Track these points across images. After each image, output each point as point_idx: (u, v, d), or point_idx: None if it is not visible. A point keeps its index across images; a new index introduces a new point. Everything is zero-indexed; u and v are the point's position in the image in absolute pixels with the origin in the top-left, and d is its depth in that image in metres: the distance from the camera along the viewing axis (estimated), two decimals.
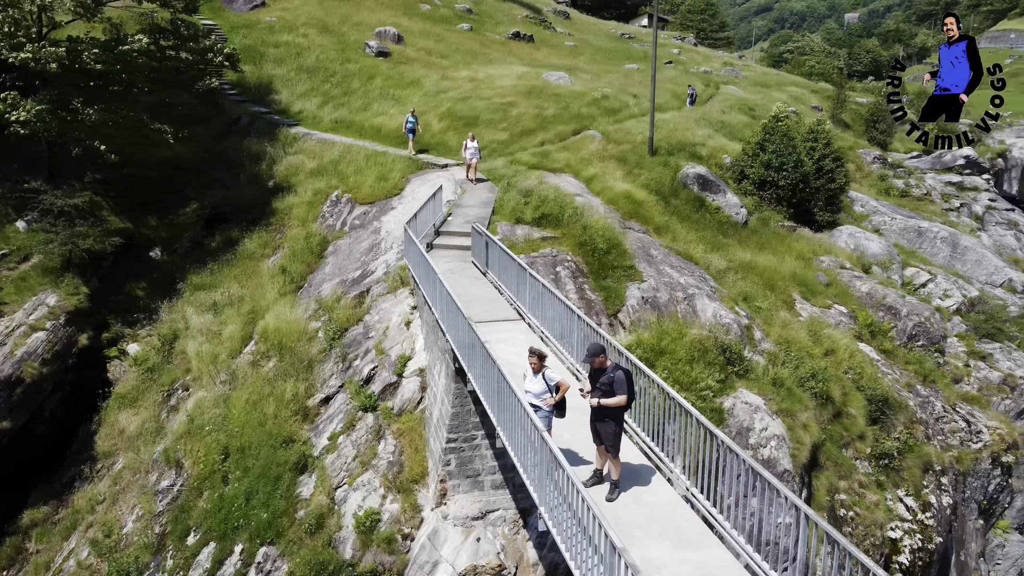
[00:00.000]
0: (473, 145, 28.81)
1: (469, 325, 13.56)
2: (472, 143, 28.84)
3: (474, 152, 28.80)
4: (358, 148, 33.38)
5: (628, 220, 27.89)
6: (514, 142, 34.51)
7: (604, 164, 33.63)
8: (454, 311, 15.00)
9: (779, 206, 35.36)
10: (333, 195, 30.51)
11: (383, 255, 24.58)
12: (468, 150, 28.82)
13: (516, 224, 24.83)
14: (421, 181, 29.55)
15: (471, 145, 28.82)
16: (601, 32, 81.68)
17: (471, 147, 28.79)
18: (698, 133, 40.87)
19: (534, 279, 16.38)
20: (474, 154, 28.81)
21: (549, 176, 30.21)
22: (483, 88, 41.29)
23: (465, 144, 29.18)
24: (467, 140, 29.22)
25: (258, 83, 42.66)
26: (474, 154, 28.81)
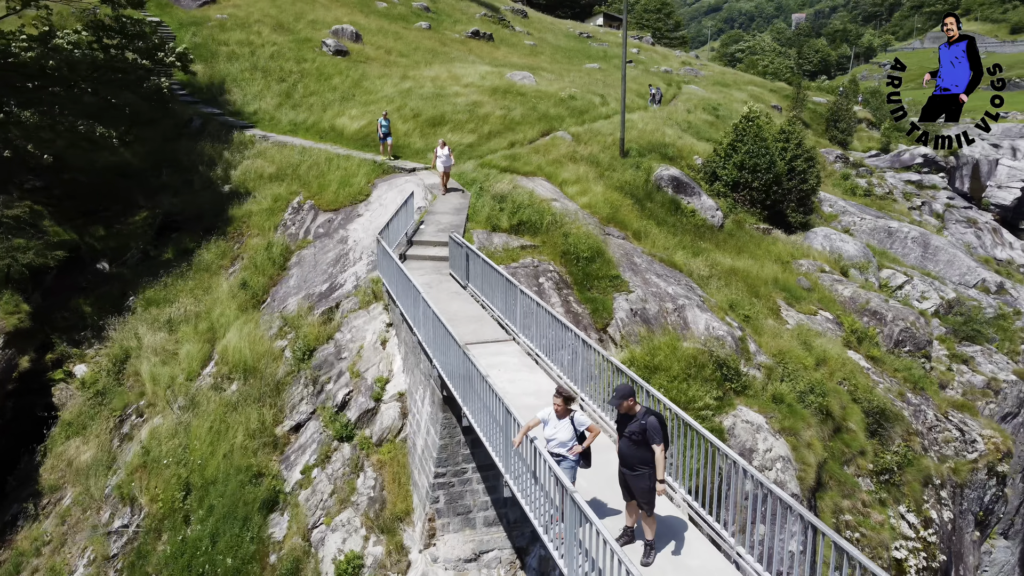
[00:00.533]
0: (444, 152, 26.54)
1: (464, 353, 12.19)
2: (443, 150, 26.57)
3: (446, 159, 26.57)
4: (319, 151, 31.64)
5: (607, 225, 26.74)
6: (482, 144, 33.12)
7: (576, 167, 32.44)
8: (443, 335, 13.61)
9: (753, 208, 34.60)
10: (294, 201, 28.78)
11: (352, 266, 23.00)
12: (440, 158, 26.53)
13: (493, 232, 23.45)
14: (388, 186, 27.99)
15: (442, 152, 26.53)
16: (559, 31, 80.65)
17: (442, 154, 26.49)
18: (668, 134, 39.99)
19: (525, 295, 15.04)
20: (447, 161, 26.58)
21: (522, 180, 28.90)
22: (447, 88, 39.80)
23: (436, 151, 27.07)
24: (437, 147, 26.98)
25: (210, 83, 40.52)
26: (447, 161, 26.58)
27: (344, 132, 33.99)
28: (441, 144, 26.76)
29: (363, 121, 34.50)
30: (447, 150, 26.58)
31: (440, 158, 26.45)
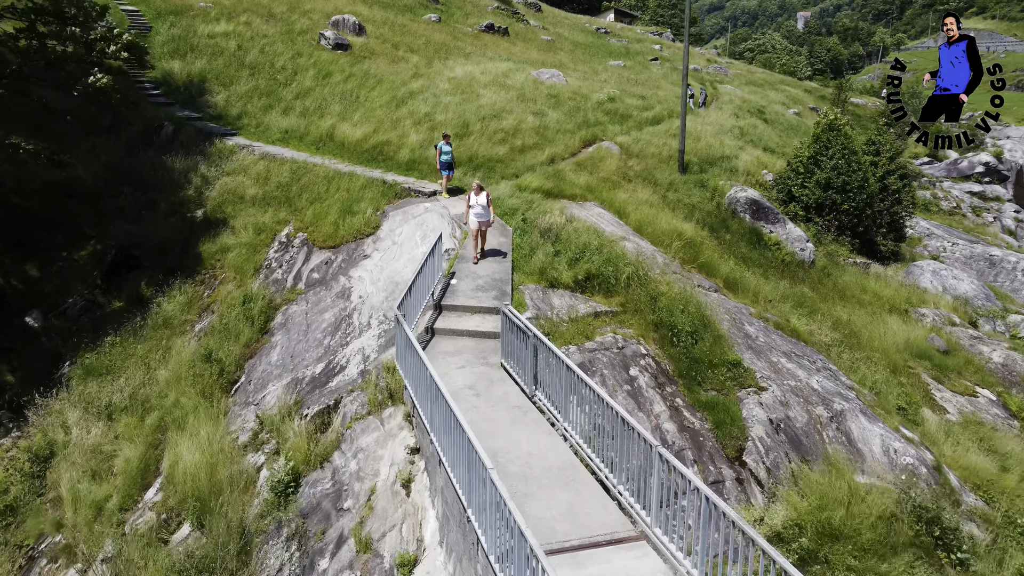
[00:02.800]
0: (481, 202, 17.66)
1: None
2: (479, 197, 17.65)
3: (483, 212, 17.76)
4: (315, 167, 24.84)
5: (690, 271, 20.02)
6: (515, 158, 26.31)
7: (632, 187, 25.70)
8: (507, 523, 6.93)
9: (841, 236, 27.86)
10: (282, 234, 22.00)
11: (357, 337, 16.26)
12: (473, 209, 17.74)
13: (550, 289, 16.72)
14: (403, 216, 21.20)
15: (477, 201, 17.66)
16: (574, 26, 73.72)
17: (477, 204, 17.68)
18: (727, 143, 33.21)
19: (665, 460, 8.31)
20: (483, 215, 17.78)
21: (572, 207, 22.16)
22: (466, 88, 32.93)
23: (468, 197, 18.03)
24: (471, 193, 17.85)
25: (188, 81, 33.63)
26: (483, 215, 17.78)
27: (346, 142, 27.14)
28: (476, 188, 17.72)
29: (367, 127, 27.66)
30: (484, 197, 17.68)
31: (474, 209, 17.72)
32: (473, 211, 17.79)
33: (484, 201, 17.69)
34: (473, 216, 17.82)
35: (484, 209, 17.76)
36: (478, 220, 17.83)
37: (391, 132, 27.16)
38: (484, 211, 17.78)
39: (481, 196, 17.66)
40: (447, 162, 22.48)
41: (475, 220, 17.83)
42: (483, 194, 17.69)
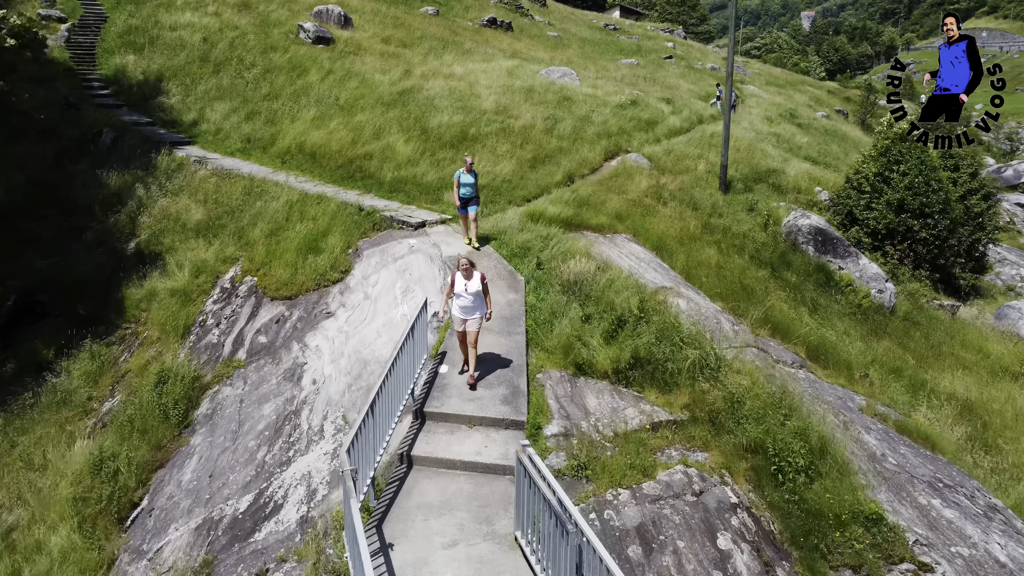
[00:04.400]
0: (472, 288, 10.94)
1: None
2: (469, 282, 10.95)
3: (473, 304, 10.99)
4: (277, 187, 19.62)
5: (758, 332, 14.77)
6: (526, 176, 21.05)
7: (668, 211, 20.47)
8: None
9: (918, 270, 22.62)
10: (227, 277, 16.76)
11: (303, 453, 11.03)
12: (461, 298, 11.02)
13: (580, 377, 11.49)
14: (380, 257, 15.95)
15: (464, 287, 10.97)
16: (581, 21, 68.31)
17: (467, 292, 10.95)
18: (770, 154, 27.95)
19: None
20: (472, 308, 11.00)
21: (599, 242, 16.96)
22: (466, 89, 27.63)
23: (452, 278, 11.17)
24: (457, 272, 11.10)
25: (143, 80, 28.36)
26: (472, 308, 11.00)
27: (317, 154, 21.87)
28: (464, 267, 10.94)
29: (345, 136, 22.38)
30: (478, 282, 10.96)
31: (459, 299, 11.01)
32: (457, 302, 10.95)
33: (477, 288, 10.87)
34: (457, 310, 10.98)
35: (475, 300, 10.87)
36: (465, 319, 10.94)
37: (373, 143, 21.89)
38: (475, 303, 10.87)
39: (473, 280, 10.90)
40: (468, 196, 16.05)
41: (460, 317, 10.99)
42: (475, 277, 10.94)
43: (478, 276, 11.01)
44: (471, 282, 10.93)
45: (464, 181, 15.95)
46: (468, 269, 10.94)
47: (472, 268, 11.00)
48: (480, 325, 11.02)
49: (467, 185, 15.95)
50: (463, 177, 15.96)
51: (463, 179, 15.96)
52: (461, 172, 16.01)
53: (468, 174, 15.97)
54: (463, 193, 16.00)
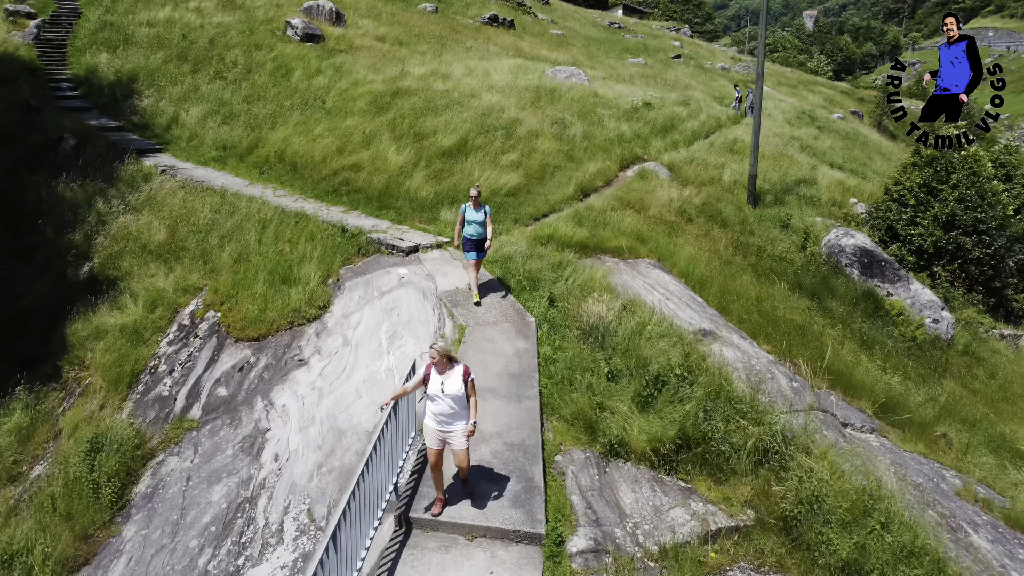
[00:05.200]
0: (451, 390, 7.52)
1: None
2: (446, 375, 7.55)
3: (452, 411, 7.56)
4: (251, 202, 17.11)
5: (815, 383, 12.23)
6: (533, 190, 18.52)
7: (694, 229, 17.97)
8: None
9: (972, 293, 20.11)
10: (187, 312, 14.26)
11: (255, 564, 8.51)
12: (436, 401, 7.57)
13: (610, 460, 8.98)
14: (364, 290, 13.43)
15: (443, 387, 7.52)
16: (585, 19, 65.79)
17: (444, 395, 7.52)
18: (796, 161, 25.41)
19: None
20: (450, 417, 7.59)
21: (619, 269, 14.46)
22: (466, 91, 25.09)
23: (428, 372, 7.67)
24: (430, 366, 7.67)
25: (116, 80, 25.83)
26: (450, 417, 7.59)
27: (299, 164, 19.35)
28: (439, 358, 7.49)
29: (331, 143, 19.85)
30: (459, 377, 7.53)
31: (433, 403, 7.62)
32: (431, 407, 7.64)
33: (457, 389, 7.48)
34: (431, 418, 7.66)
35: (456, 406, 7.52)
36: (442, 433, 7.64)
37: (362, 151, 19.36)
38: (455, 410, 7.54)
39: (452, 377, 7.50)
40: (476, 238, 12.55)
41: (435, 429, 7.65)
42: (455, 373, 7.52)
43: (459, 372, 7.49)
44: (449, 380, 7.46)
45: (472, 218, 12.45)
46: (444, 361, 7.45)
47: (450, 361, 7.51)
48: (467, 443, 7.58)
49: (475, 223, 12.44)
50: (469, 213, 12.47)
51: (470, 215, 12.47)
52: (467, 207, 12.52)
53: (476, 210, 12.44)
54: (469, 234, 12.44)
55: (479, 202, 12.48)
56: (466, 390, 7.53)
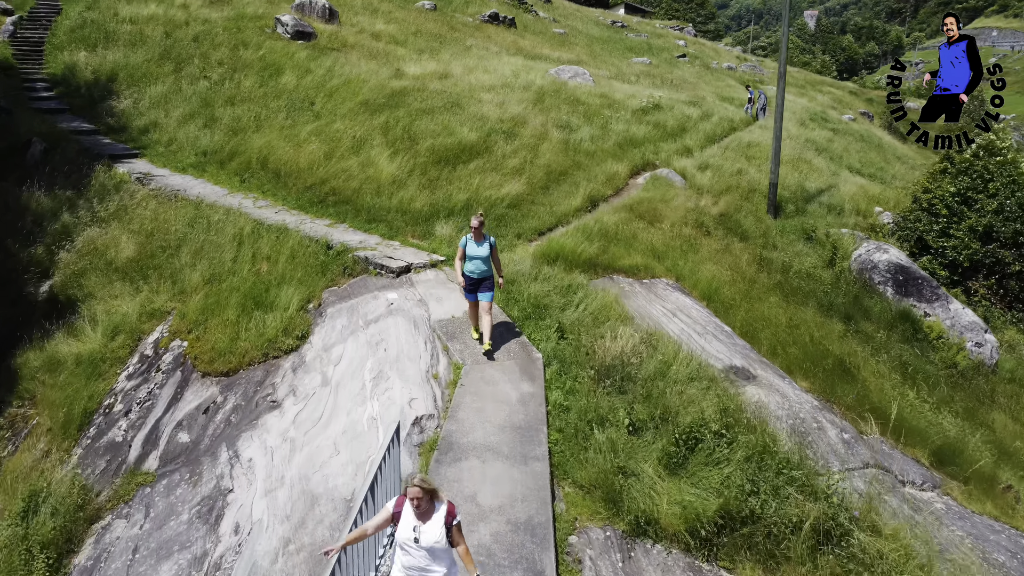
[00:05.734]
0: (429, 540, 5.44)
1: None
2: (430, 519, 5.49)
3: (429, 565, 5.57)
4: (228, 214, 15.52)
5: (864, 431, 10.61)
6: (537, 200, 16.90)
7: (713, 244, 16.37)
8: None
9: (1011, 311, 18.50)
10: (150, 340, 12.69)
11: None
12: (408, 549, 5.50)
13: (635, 539, 7.35)
14: (348, 317, 11.82)
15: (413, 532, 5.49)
16: (587, 18, 64.15)
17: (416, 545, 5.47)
18: (814, 165, 23.82)
19: None
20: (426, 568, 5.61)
21: (636, 292, 12.86)
22: (465, 92, 23.48)
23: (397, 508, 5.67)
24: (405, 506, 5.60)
25: (94, 80, 24.22)
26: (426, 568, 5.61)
27: (283, 172, 17.74)
28: (416, 496, 5.37)
29: (318, 149, 18.23)
30: (440, 524, 5.43)
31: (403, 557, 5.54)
32: (401, 558, 5.54)
33: (438, 535, 5.40)
34: (399, 571, 5.58)
35: (434, 557, 5.45)
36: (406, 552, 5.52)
37: (351, 158, 17.74)
38: (433, 562, 5.46)
39: (432, 521, 5.42)
40: (478, 276, 10.47)
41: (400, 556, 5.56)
42: (437, 515, 5.44)
43: (441, 514, 5.42)
44: (427, 525, 5.41)
45: (473, 253, 10.34)
46: (423, 499, 5.37)
47: (432, 497, 5.42)
48: None
49: (477, 259, 10.33)
50: (471, 246, 10.37)
51: (471, 249, 10.36)
52: (468, 239, 10.39)
53: (479, 243, 10.32)
54: (471, 270, 10.38)
55: (482, 233, 10.34)
56: (449, 538, 5.40)
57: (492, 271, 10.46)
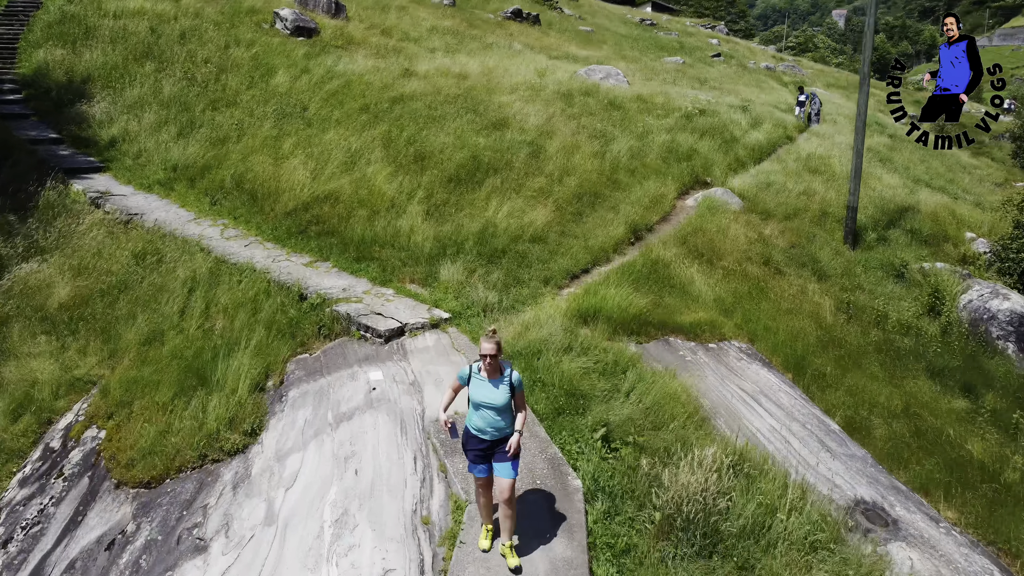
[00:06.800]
0: None
1: None
2: None
3: None
4: (187, 246, 12.42)
5: None
6: (568, 231, 13.57)
7: (786, 286, 12.94)
8: None
9: None
10: (61, 425, 9.60)
11: None
12: None
13: None
14: (314, 405, 8.57)
15: None
16: (614, 16, 60.62)
17: None
18: (887, 182, 20.29)
19: None
20: None
21: (701, 362, 9.52)
22: (482, 94, 20.19)
23: None
24: None
25: (67, 81, 21.23)
26: None
27: (259, 192, 14.55)
28: None
29: (303, 166, 15.01)
30: None
31: None
32: None
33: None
34: None
35: None
36: None
37: (342, 177, 14.51)
38: None
39: None
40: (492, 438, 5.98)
41: None
42: None
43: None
44: None
45: (484, 398, 5.89)
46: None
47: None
48: None
49: (490, 408, 5.90)
50: (479, 387, 5.91)
51: (480, 392, 5.91)
52: (474, 373, 5.95)
53: (494, 382, 5.87)
54: (479, 428, 6.03)
55: (498, 364, 5.80)
56: None
57: (513, 428, 5.97)
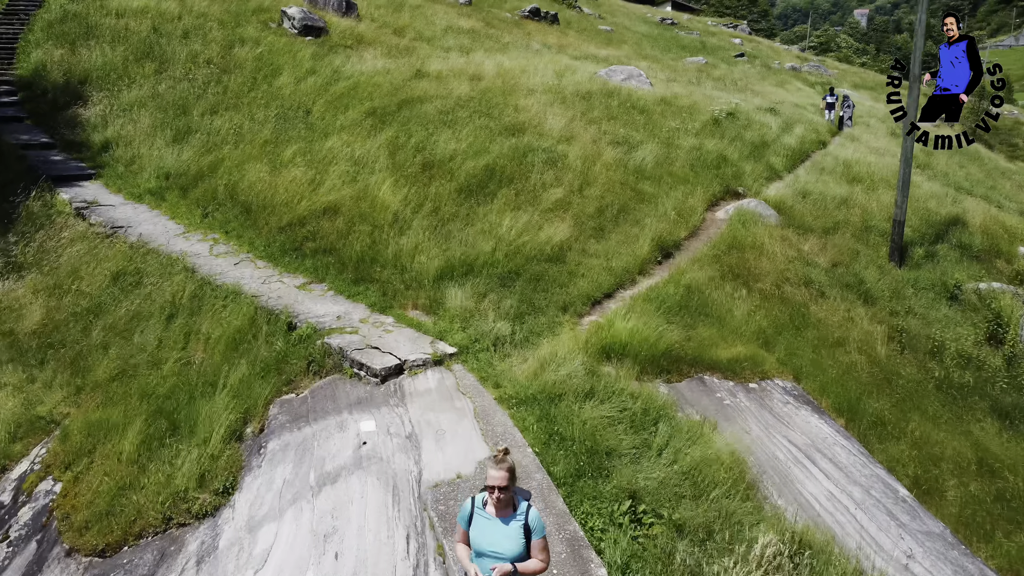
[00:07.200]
0: None
1: None
2: None
3: None
4: (172, 264, 11.24)
5: None
6: (590, 246, 12.28)
7: (829, 311, 11.58)
8: None
9: None
10: (15, 474, 8.51)
11: None
12: None
13: None
14: (295, 462, 7.35)
15: None
16: (634, 15, 59.15)
17: None
18: (930, 190, 18.82)
19: None
20: None
21: (740, 407, 8.22)
22: (497, 97, 18.93)
23: None
24: None
25: (64, 83, 20.25)
26: None
27: (253, 205, 13.38)
28: None
29: (302, 175, 13.83)
30: None
31: None
32: None
33: None
34: None
35: None
36: None
37: (344, 188, 13.31)
38: None
39: None
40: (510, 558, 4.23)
41: None
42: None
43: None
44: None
45: (485, 544, 4.25)
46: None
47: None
48: None
49: (495, 557, 4.22)
50: (483, 527, 4.28)
51: (483, 534, 4.26)
52: (479, 508, 4.34)
53: (505, 520, 4.26)
54: (483, 551, 4.27)
55: (510, 497, 4.30)
56: None
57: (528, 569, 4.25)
